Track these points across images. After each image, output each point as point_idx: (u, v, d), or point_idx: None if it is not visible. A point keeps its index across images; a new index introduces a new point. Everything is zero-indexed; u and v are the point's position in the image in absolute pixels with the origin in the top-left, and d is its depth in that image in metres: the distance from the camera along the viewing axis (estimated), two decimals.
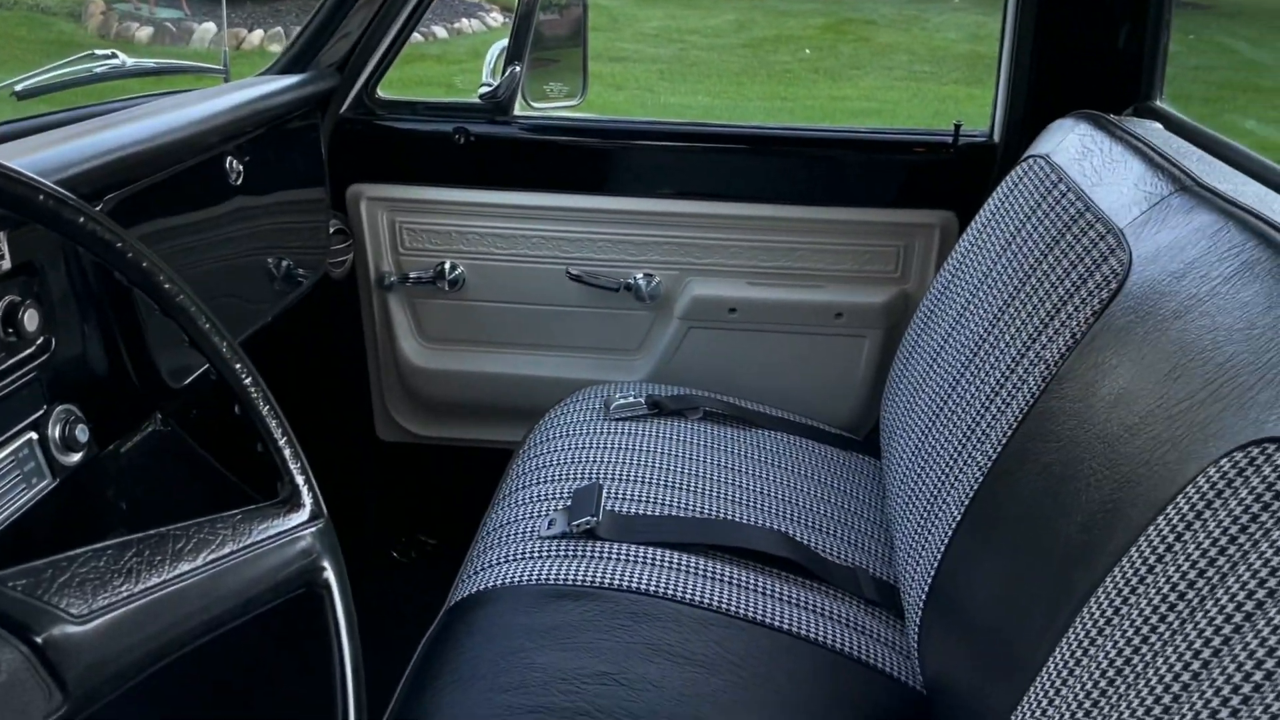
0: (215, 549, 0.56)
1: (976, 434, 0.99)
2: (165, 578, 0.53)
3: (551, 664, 0.92)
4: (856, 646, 1.04)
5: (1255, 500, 0.60)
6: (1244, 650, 0.56)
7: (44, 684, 0.47)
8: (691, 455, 1.28)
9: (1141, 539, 0.67)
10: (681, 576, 1.06)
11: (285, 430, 0.63)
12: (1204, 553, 0.61)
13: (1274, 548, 0.57)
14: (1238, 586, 0.58)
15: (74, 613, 0.49)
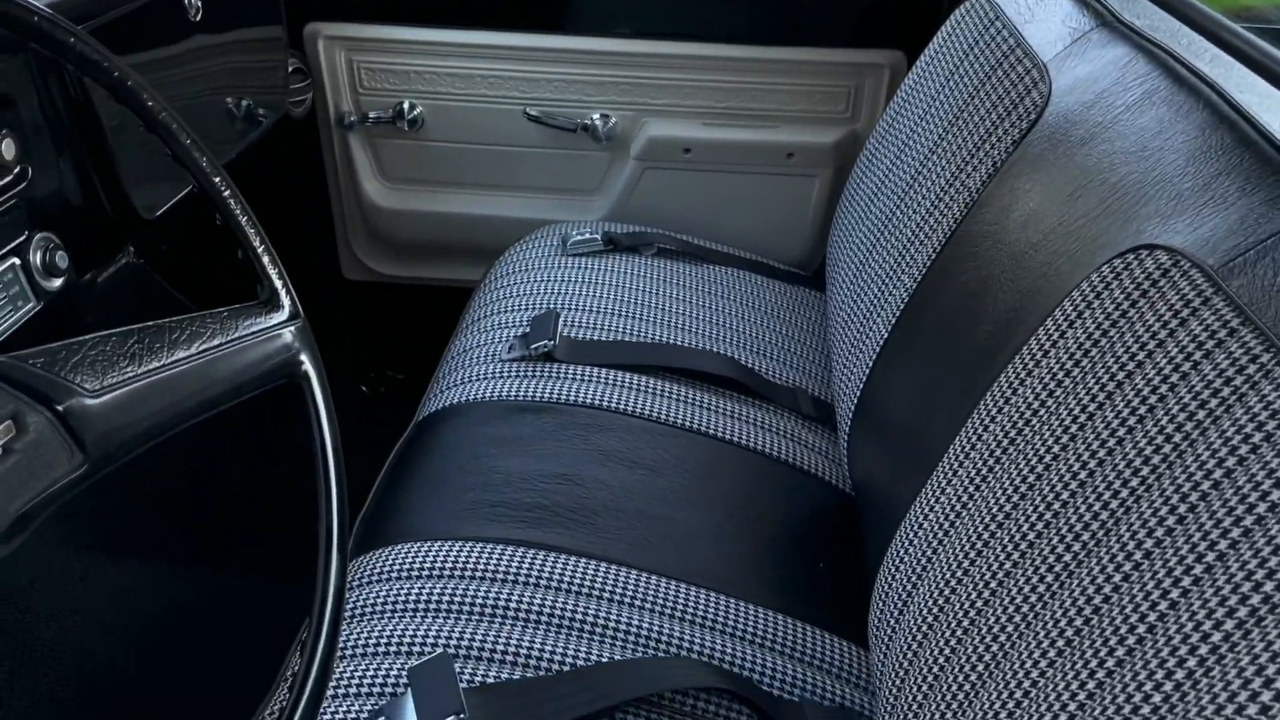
0: (206, 340, 0.62)
1: (905, 260, 1.06)
2: (164, 362, 0.60)
3: (512, 468, 1.01)
4: (793, 455, 1.14)
5: (1125, 298, 0.68)
6: (1104, 424, 0.65)
7: (67, 445, 0.54)
8: (644, 288, 1.35)
9: (1032, 338, 0.76)
10: (633, 394, 1.14)
11: (263, 238, 0.69)
12: (1081, 347, 0.70)
13: (1137, 340, 0.66)
14: (1104, 373, 0.67)
15: (88, 387, 0.56)
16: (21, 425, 0.52)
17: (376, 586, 0.88)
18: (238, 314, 0.66)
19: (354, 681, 0.78)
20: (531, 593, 0.86)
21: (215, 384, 0.63)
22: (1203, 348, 0.60)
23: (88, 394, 0.56)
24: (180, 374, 0.61)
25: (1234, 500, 0.54)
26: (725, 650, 0.86)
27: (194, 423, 0.62)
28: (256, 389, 0.66)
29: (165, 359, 0.60)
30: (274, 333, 0.67)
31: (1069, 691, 0.59)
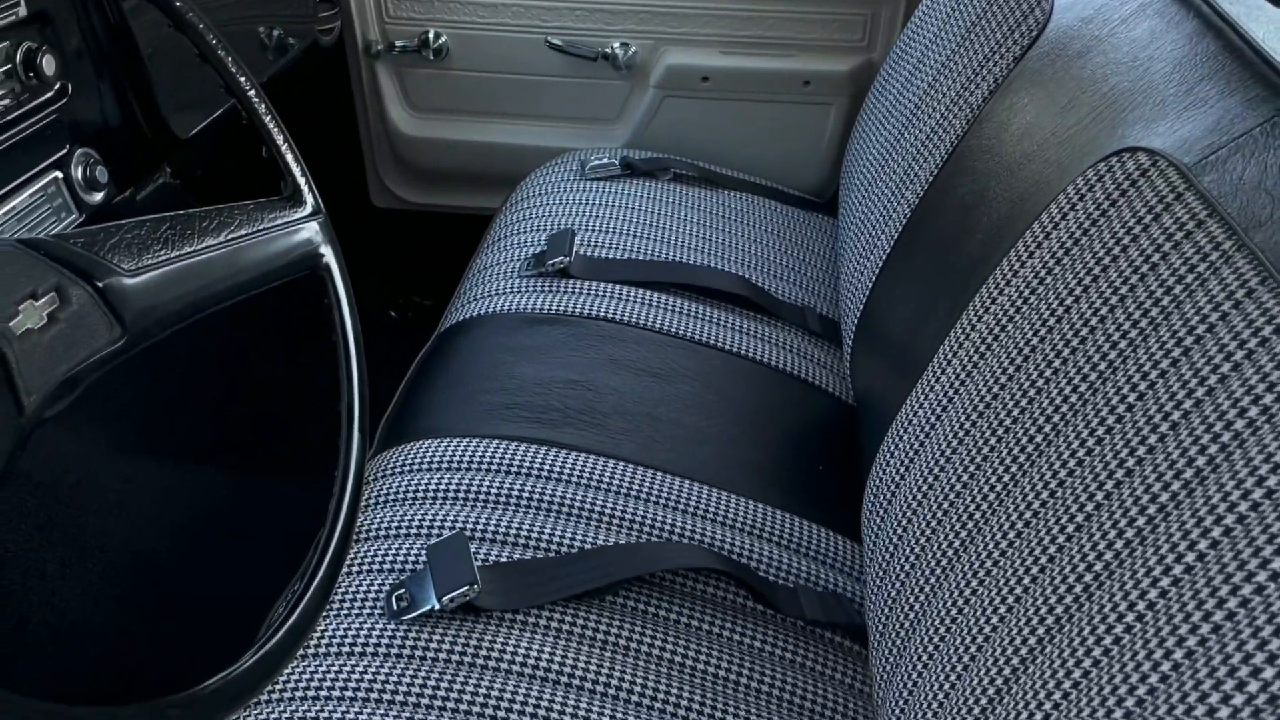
0: (234, 230, 0.67)
1: (909, 178, 1.09)
2: (195, 248, 0.65)
3: (528, 374, 1.06)
4: (798, 369, 1.18)
5: (1106, 199, 0.71)
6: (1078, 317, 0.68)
7: (107, 318, 0.59)
8: (659, 211, 1.39)
9: (1019, 242, 0.79)
10: (644, 309, 1.18)
11: (287, 139, 0.73)
12: (1062, 246, 0.73)
13: (1114, 237, 0.69)
14: (1081, 270, 0.70)
15: (125, 267, 0.61)
16: (64, 297, 0.57)
17: (398, 478, 0.93)
18: (263, 207, 0.70)
19: (376, 559, 0.84)
20: (543, 485, 0.91)
21: (243, 270, 0.68)
22: (1172, 239, 0.63)
23: (125, 273, 0.61)
24: (210, 259, 0.66)
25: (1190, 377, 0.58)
26: (724, 539, 0.91)
27: (223, 306, 0.67)
28: (281, 278, 0.70)
29: (196, 245, 0.65)
30: (296, 226, 0.72)
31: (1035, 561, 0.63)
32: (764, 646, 0.84)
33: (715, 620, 0.84)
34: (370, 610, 0.80)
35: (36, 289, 0.55)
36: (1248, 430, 0.52)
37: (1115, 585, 0.57)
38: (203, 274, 0.65)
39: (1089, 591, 0.58)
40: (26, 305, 0.55)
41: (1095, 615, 0.57)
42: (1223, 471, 0.53)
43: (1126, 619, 0.54)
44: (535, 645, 0.78)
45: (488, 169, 1.76)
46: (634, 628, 0.81)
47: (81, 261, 0.59)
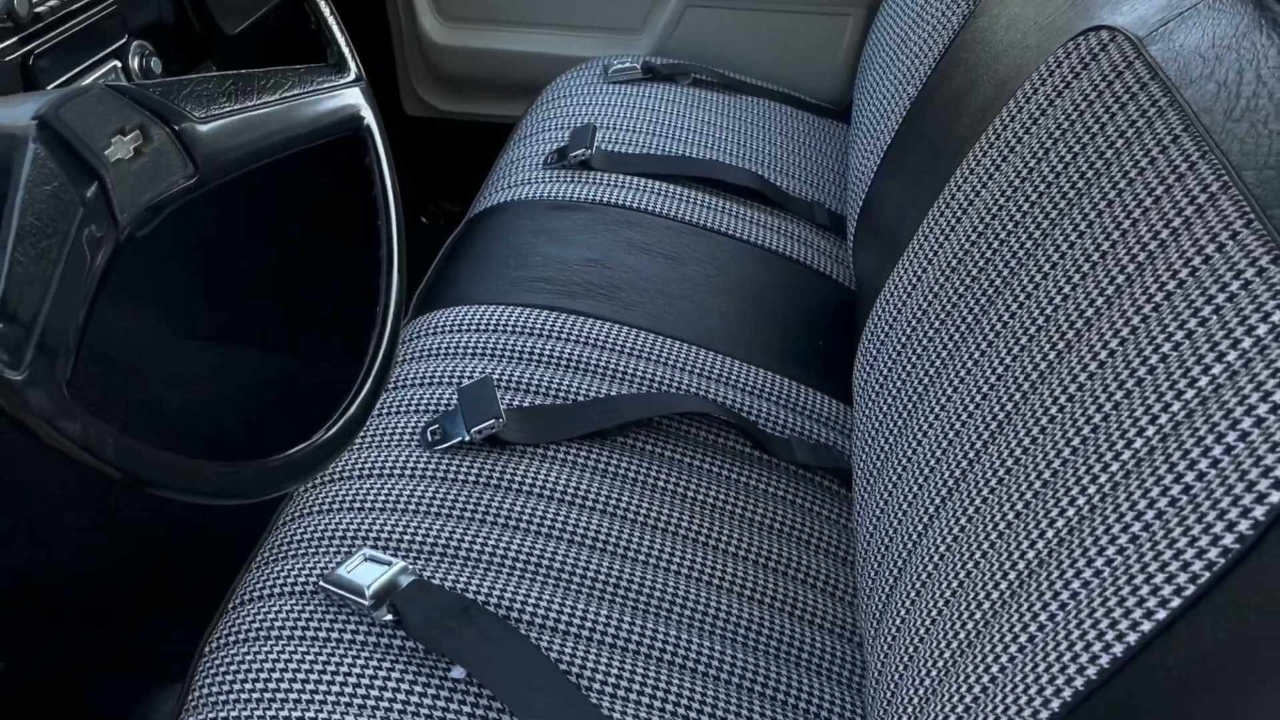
0: (287, 89, 0.76)
1: (911, 74, 1.16)
2: (255, 103, 0.73)
3: (550, 253, 1.15)
4: (804, 256, 1.26)
5: (1070, 73, 0.78)
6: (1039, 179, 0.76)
7: (182, 157, 0.68)
8: (678, 112, 1.46)
9: (996, 119, 0.86)
10: (660, 199, 1.27)
11: (333, 11, 0.82)
12: (1031, 117, 0.81)
13: (1074, 106, 0.77)
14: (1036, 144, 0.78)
15: (196, 115, 0.70)
16: (147, 135, 0.66)
17: (431, 337, 1.03)
18: (313, 71, 0.79)
19: (412, 403, 0.94)
20: (562, 345, 1.01)
21: (295, 125, 0.77)
22: (1119, 100, 0.71)
23: (197, 120, 0.70)
24: (268, 114, 0.75)
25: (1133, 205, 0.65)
26: (725, 396, 1.00)
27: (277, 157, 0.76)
28: (328, 136, 0.79)
29: (255, 100, 0.74)
30: (342, 89, 0.80)
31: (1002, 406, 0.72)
32: (757, 484, 0.94)
33: (714, 460, 0.94)
34: (407, 443, 0.90)
35: (125, 125, 0.64)
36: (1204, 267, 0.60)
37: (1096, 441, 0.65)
38: (261, 126, 0.74)
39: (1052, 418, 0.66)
40: (117, 139, 0.64)
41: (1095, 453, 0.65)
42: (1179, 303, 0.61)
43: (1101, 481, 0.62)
44: (553, 473, 0.88)
45: (515, 77, 1.83)
46: (640, 463, 0.91)
47: (160, 107, 0.68)
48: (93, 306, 0.58)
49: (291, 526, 0.85)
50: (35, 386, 0.50)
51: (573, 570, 0.81)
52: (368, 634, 0.74)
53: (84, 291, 0.57)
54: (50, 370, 0.52)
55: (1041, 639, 0.53)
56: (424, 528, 0.82)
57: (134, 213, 0.64)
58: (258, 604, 0.79)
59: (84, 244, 0.59)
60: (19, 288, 0.52)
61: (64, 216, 0.58)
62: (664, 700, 0.75)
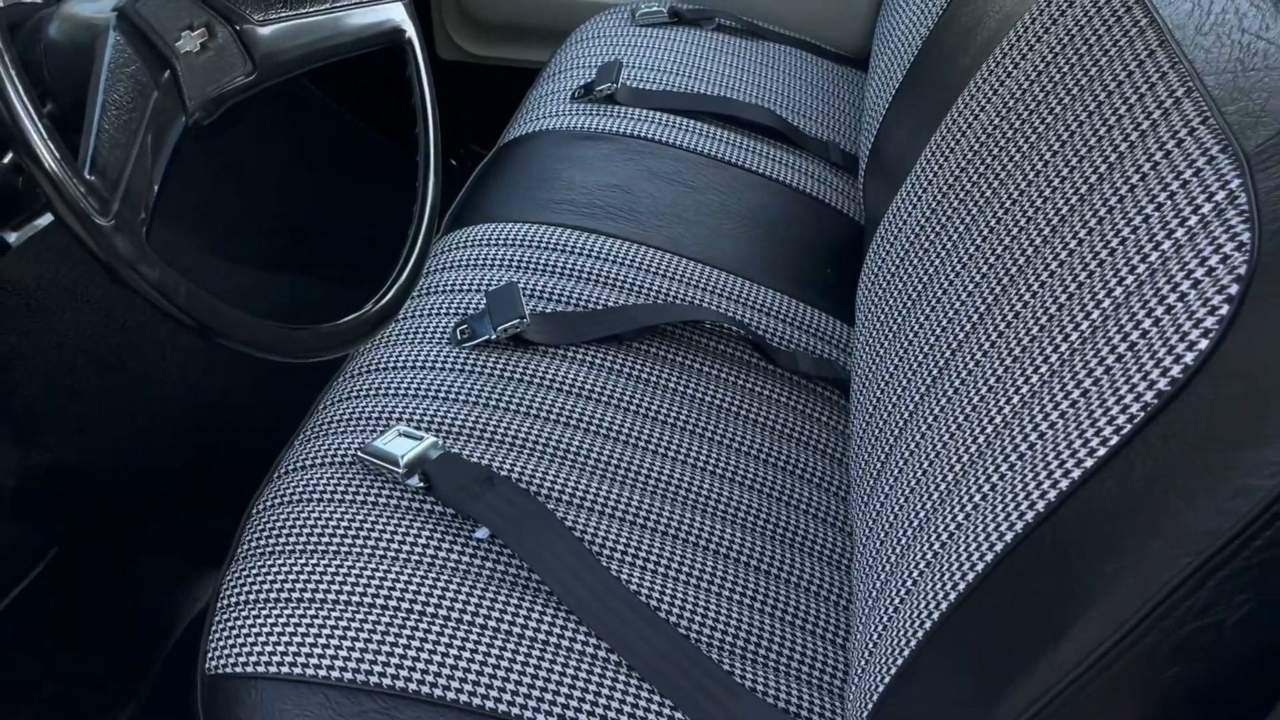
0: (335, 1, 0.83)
1: (921, 14, 1.22)
2: (307, 10, 0.80)
3: (574, 178, 1.21)
4: (817, 191, 1.32)
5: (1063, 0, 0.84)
6: (1046, 106, 0.82)
7: (243, 55, 0.75)
8: (701, 55, 1.52)
9: (997, 48, 0.92)
10: (681, 133, 1.33)
11: None
12: (1028, 44, 0.86)
13: (1066, 31, 0.82)
14: (1039, 60, 0.83)
15: (256, 18, 0.76)
16: (213, 32, 0.73)
17: (461, 251, 1.10)
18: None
19: (441, 307, 1.01)
20: (584, 260, 1.07)
21: (344, 34, 0.83)
22: (1105, 21, 0.77)
23: (256, 23, 0.77)
24: (319, 21, 0.81)
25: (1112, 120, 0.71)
26: (735, 312, 1.07)
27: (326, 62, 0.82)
28: (372, 46, 0.86)
29: (308, 8, 0.81)
30: (386, 4, 0.87)
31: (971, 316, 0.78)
32: (762, 390, 1.00)
33: (722, 367, 1.01)
34: (439, 341, 0.97)
35: (193, 22, 0.71)
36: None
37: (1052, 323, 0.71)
38: (313, 32, 0.80)
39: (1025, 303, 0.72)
40: (185, 33, 0.71)
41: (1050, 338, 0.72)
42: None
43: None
44: (572, 371, 0.95)
45: (546, 22, 1.89)
46: (653, 366, 0.98)
47: (223, 8, 0.75)
48: (166, 179, 0.65)
49: (331, 409, 0.92)
50: (121, 233, 0.57)
51: (588, 454, 0.88)
52: (400, 498, 0.82)
53: (158, 163, 0.64)
54: (133, 221, 0.59)
55: (1010, 477, 0.60)
56: (452, 413, 0.89)
57: (200, 101, 0.71)
58: (301, 473, 0.86)
59: (158, 122, 0.66)
60: (107, 149, 0.59)
61: (142, 95, 0.65)
62: (667, 568, 0.82)
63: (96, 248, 0.56)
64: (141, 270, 0.58)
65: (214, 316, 0.63)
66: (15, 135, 0.53)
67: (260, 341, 0.66)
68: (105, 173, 0.58)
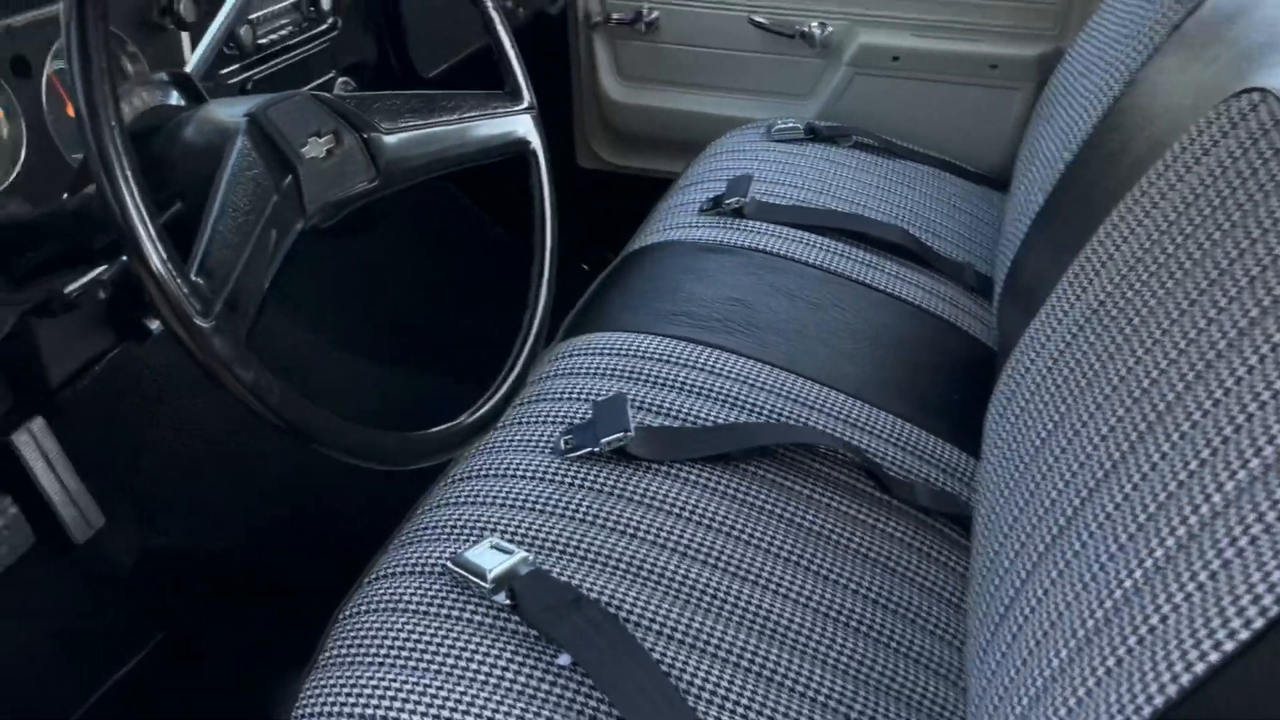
0: (465, 111, 0.84)
1: (1066, 138, 1.17)
2: (435, 120, 0.81)
3: (695, 290, 1.20)
4: (947, 314, 1.27)
5: (1219, 131, 0.79)
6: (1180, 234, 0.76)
7: (368, 162, 0.76)
8: (836, 171, 1.50)
9: (1143, 178, 0.87)
10: (808, 249, 1.30)
11: (513, 44, 0.90)
12: (1177, 174, 0.81)
13: (1219, 163, 0.77)
14: (1188, 192, 0.78)
15: (384, 126, 0.78)
16: (340, 139, 0.74)
17: (573, 359, 1.09)
18: (489, 97, 0.87)
19: (549, 415, 1.00)
20: (696, 374, 1.05)
21: (469, 144, 0.84)
22: (1263, 156, 0.71)
23: (383, 131, 0.78)
24: (445, 131, 0.82)
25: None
26: (851, 436, 1.02)
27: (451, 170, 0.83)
28: (498, 156, 0.87)
29: (436, 118, 0.82)
30: (514, 115, 0.88)
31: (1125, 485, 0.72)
32: (875, 522, 0.95)
33: (834, 495, 0.96)
34: (542, 449, 0.96)
35: (321, 129, 0.73)
36: None
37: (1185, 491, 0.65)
38: (439, 141, 0.82)
39: (1155, 465, 0.66)
40: (313, 139, 0.72)
41: (1186, 502, 0.65)
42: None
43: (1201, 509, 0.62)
44: (675, 489, 0.91)
45: (684, 135, 1.91)
46: (760, 489, 0.94)
47: (353, 116, 0.76)
48: (275, 280, 0.66)
49: (427, 515, 0.91)
50: (220, 334, 0.58)
51: (683, 581, 0.84)
52: (485, 615, 0.79)
53: (269, 265, 0.65)
54: (233, 323, 0.59)
55: (1138, 653, 0.53)
56: (547, 526, 0.87)
57: (320, 205, 0.72)
58: (391, 580, 0.85)
59: (275, 225, 0.67)
60: (218, 251, 0.60)
61: (261, 198, 0.66)
62: (759, 714, 0.76)
63: (194, 347, 0.57)
64: (236, 371, 0.58)
65: (307, 420, 0.62)
66: (126, 235, 0.54)
67: (352, 448, 0.66)
68: (213, 274, 0.59)
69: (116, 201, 0.54)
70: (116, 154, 0.53)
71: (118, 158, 0.53)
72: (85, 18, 0.53)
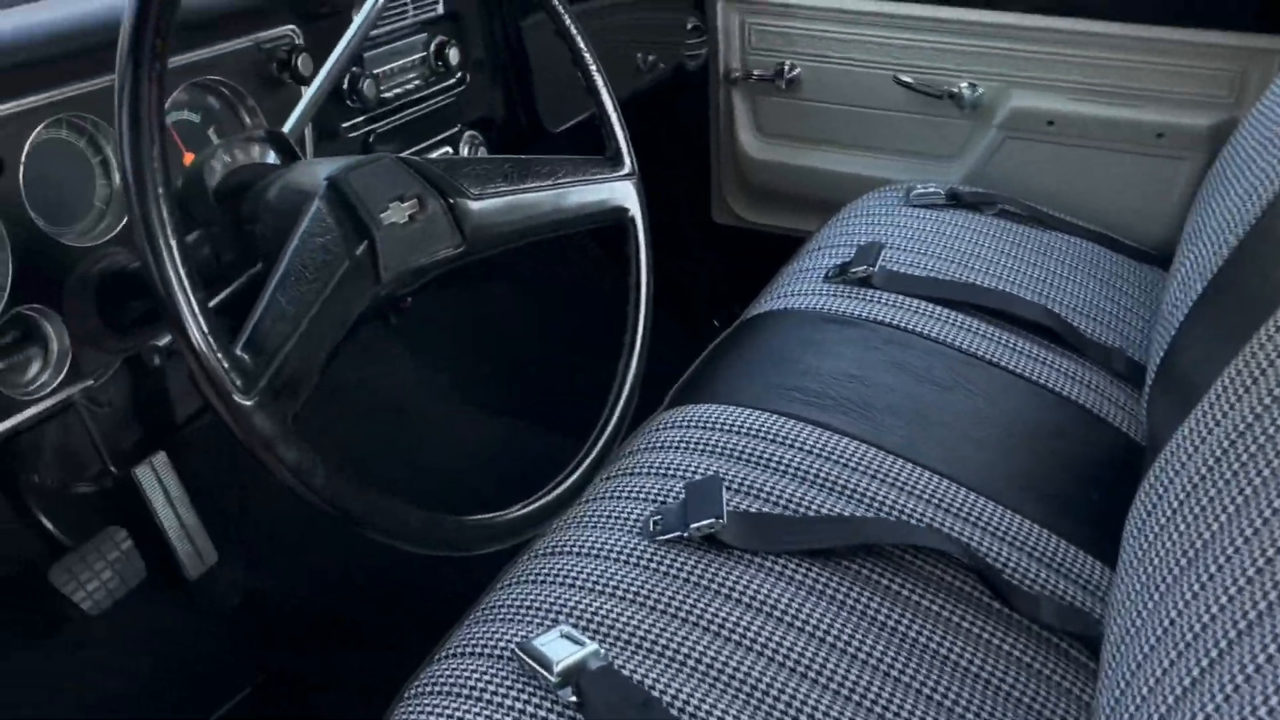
0: (560, 176, 0.81)
1: (1237, 214, 1.06)
2: (527, 185, 0.78)
3: (810, 363, 1.13)
4: (1091, 403, 1.16)
5: None
6: None
7: (452, 228, 0.73)
8: (976, 241, 1.41)
9: None
10: (939, 325, 1.22)
11: (617, 109, 0.87)
12: None
13: None
14: None
15: (472, 192, 0.75)
16: (423, 205, 0.72)
17: (675, 430, 1.03)
18: (588, 162, 0.84)
19: (641, 491, 0.95)
20: (802, 457, 0.98)
21: (563, 210, 0.81)
22: None
23: (471, 197, 0.75)
24: (538, 197, 0.79)
25: None
26: (970, 536, 0.93)
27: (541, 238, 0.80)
28: (594, 223, 0.83)
29: (529, 184, 0.79)
30: (614, 181, 0.84)
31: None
32: (991, 638, 0.86)
33: (946, 604, 0.87)
34: (630, 529, 0.91)
35: (404, 194, 0.71)
36: None
37: None
38: (530, 207, 0.79)
39: None
40: (395, 204, 0.70)
41: None
42: None
43: None
44: (766, 585, 0.85)
45: (822, 194, 1.85)
46: (864, 592, 0.86)
47: (440, 180, 0.74)
48: (335, 352, 0.63)
49: (505, 592, 0.87)
50: (262, 411, 0.55)
51: (766, 690, 0.77)
52: (550, 710, 0.74)
53: (330, 337, 0.63)
54: (280, 400, 0.57)
55: None
56: (625, 615, 0.82)
57: (396, 273, 0.69)
58: (458, 660, 0.81)
59: (342, 294, 0.64)
60: (270, 323, 0.58)
61: (327, 267, 0.64)
62: None
63: (234, 426, 0.54)
64: (278, 451, 0.55)
65: (354, 502, 0.59)
66: (166, 307, 0.53)
67: (405, 533, 0.62)
68: (261, 348, 0.57)
69: (158, 271, 0.52)
70: (160, 223, 0.52)
71: (161, 227, 0.52)
72: (140, 80, 0.52)
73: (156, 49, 0.53)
